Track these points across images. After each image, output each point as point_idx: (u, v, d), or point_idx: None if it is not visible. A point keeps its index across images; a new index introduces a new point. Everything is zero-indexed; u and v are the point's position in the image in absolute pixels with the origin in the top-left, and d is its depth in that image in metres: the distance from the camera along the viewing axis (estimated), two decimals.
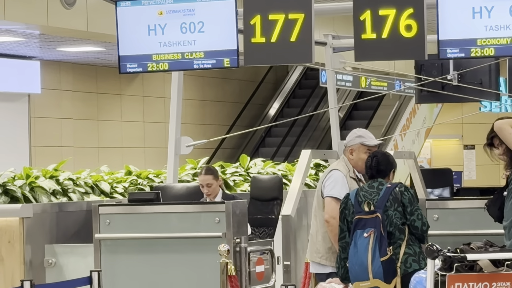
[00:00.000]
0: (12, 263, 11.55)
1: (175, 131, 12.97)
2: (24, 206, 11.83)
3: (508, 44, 10.81)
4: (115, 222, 11.25)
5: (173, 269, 10.96)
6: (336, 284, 9.32)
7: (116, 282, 10.87)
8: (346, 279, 9.13)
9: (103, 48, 21.92)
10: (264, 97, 29.61)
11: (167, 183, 13.14)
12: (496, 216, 9.13)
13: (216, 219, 11.01)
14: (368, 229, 9.08)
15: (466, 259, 7.48)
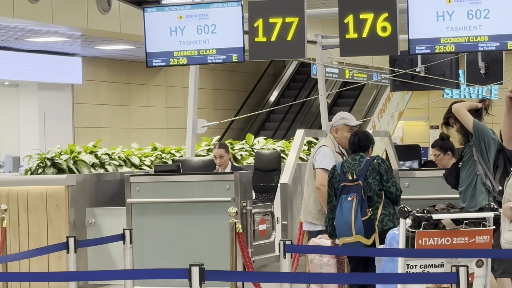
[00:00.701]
0: (59, 223, 11.56)
1: (192, 114, 12.96)
2: (69, 176, 11.85)
3: (466, 42, 10.79)
4: (143, 189, 11.27)
5: (191, 228, 10.98)
6: (325, 239, 9.33)
7: (144, 238, 10.88)
8: (333, 235, 9.15)
9: (133, 46, 21.87)
10: (265, 87, 29.54)
11: (186, 157, 13.15)
12: (452, 183, 9.21)
13: (226, 186, 11.02)
14: (351, 194, 9.10)
15: (431, 218, 7.48)
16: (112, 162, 13.06)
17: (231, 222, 9.42)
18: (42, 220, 11.66)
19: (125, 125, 26.33)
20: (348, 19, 11.04)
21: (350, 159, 9.30)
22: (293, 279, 7.80)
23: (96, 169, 12.62)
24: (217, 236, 10.42)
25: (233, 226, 9.35)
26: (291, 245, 7.39)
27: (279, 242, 7.40)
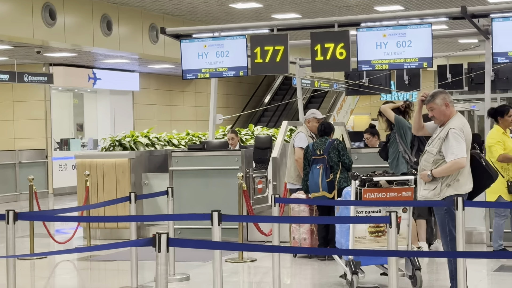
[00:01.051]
0: (124, 184, 11.54)
1: (213, 111, 12.95)
2: (130, 152, 11.85)
3: (395, 62, 10.78)
4: (180, 161, 11.25)
5: (212, 186, 10.97)
6: (301, 194, 9.33)
7: (180, 194, 10.87)
8: (307, 192, 9.13)
9: (173, 65, 21.83)
10: (261, 93, 29.52)
11: (208, 139, 13.14)
12: (384, 157, 9.30)
13: (235, 159, 11.01)
14: (319, 164, 9.07)
15: (372, 180, 7.47)
16: (159, 143, 13.08)
17: (239, 182, 9.42)
18: (113, 182, 11.65)
19: (168, 118, 26.32)
20: (317, 47, 11.02)
21: (318, 141, 9.28)
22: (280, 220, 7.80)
23: (148, 147, 12.65)
24: (230, 191, 10.41)
25: (240, 185, 9.34)
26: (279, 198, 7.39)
27: (271, 196, 7.38)
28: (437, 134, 6.77)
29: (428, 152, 6.74)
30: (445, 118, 6.72)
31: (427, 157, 6.73)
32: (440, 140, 6.66)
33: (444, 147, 6.63)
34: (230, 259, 9.19)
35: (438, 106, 6.70)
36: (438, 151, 6.65)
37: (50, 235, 10.39)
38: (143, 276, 8.14)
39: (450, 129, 6.61)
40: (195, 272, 8.54)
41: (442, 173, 6.63)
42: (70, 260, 9.82)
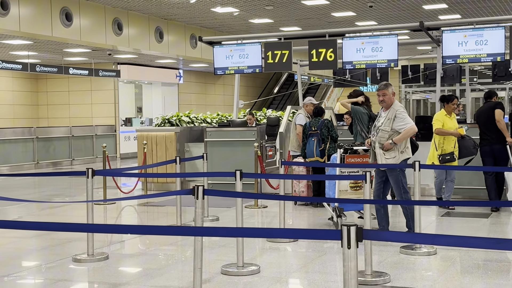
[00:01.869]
0: (171, 151, 11.56)
1: (236, 98, 12.90)
2: (176, 128, 11.82)
3: (370, 63, 10.68)
4: (212, 134, 11.25)
5: (236, 153, 10.97)
6: (301, 159, 9.32)
7: (212, 158, 10.89)
8: (305, 157, 9.12)
9: (207, 64, 21.79)
10: (271, 85, 29.43)
11: (233, 119, 13.12)
12: (351, 132, 9.08)
13: (253, 133, 10.99)
14: (314, 137, 9.04)
15: (352, 148, 7.45)
16: (197, 121, 13.04)
17: (255, 150, 9.41)
18: (163, 149, 11.66)
19: (203, 103, 26.29)
20: (313, 52, 10.94)
21: (313, 120, 9.23)
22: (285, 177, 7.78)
23: (189, 124, 12.61)
24: (248, 157, 10.40)
25: (256, 152, 9.33)
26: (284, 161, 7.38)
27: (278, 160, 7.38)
28: (385, 116, 6.71)
29: (382, 130, 6.66)
30: (390, 103, 6.71)
31: (382, 134, 6.66)
32: (390, 120, 6.66)
33: (395, 124, 6.63)
34: (248, 206, 9.21)
35: (389, 94, 6.70)
36: (390, 128, 6.64)
37: (118, 187, 10.45)
38: (185, 217, 8.19)
39: (397, 111, 6.68)
40: (223, 215, 8.56)
41: (401, 139, 6.63)
42: (132, 205, 9.87)
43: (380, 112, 6.93)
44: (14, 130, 17.16)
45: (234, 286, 5.07)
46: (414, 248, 6.11)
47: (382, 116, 6.82)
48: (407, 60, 15.94)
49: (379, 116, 6.90)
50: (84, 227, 4.20)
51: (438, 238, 2.75)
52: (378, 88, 6.78)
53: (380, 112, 6.94)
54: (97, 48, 17.37)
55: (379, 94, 6.70)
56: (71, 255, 6.13)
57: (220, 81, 27.39)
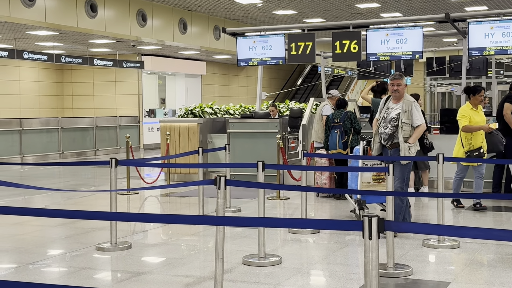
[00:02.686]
0: (194, 141, 11.61)
1: (259, 89, 12.90)
2: (199, 119, 11.87)
3: (395, 55, 10.61)
4: (235, 125, 11.28)
5: (259, 144, 10.97)
6: (323, 151, 9.30)
7: (235, 149, 10.92)
8: (327, 149, 9.11)
9: (230, 56, 21.81)
10: (295, 77, 29.37)
11: (256, 110, 13.13)
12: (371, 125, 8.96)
13: (275, 124, 11.00)
14: (337, 129, 9.03)
15: None
16: (220, 112, 13.07)
17: (277, 142, 9.41)
18: (186, 139, 11.72)
19: (226, 95, 26.34)
20: (336, 43, 10.88)
21: (336, 112, 9.21)
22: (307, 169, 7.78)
23: (212, 116, 12.65)
24: (271, 148, 10.43)
25: (278, 144, 9.33)
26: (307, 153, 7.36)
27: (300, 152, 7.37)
28: (399, 108, 6.48)
29: (404, 123, 6.43)
30: (402, 94, 6.53)
31: (405, 127, 6.44)
32: (407, 112, 6.48)
33: (412, 116, 6.48)
34: (270, 197, 9.23)
35: (403, 85, 6.54)
36: (409, 120, 6.48)
37: (141, 177, 10.54)
38: (207, 208, 8.23)
39: (413, 103, 6.52)
40: (245, 206, 8.59)
41: (416, 139, 6.53)
42: (155, 195, 9.95)
43: (387, 104, 6.64)
44: (40, 120, 17.38)
45: (255, 276, 5.09)
46: (437, 242, 6.07)
47: (393, 107, 6.55)
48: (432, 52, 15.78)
49: (388, 107, 6.60)
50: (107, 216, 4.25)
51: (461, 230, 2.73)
52: (393, 78, 6.51)
53: (387, 104, 6.64)
54: (122, 39, 17.48)
55: (394, 84, 6.44)
56: (94, 244, 6.21)
57: (243, 72, 27.40)
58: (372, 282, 2.65)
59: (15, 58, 16.56)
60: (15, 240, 6.64)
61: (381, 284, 4.82)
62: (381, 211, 7.78)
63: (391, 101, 6.63)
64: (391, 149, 6.59)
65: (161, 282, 4.94)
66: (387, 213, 5.35)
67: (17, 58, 16.57)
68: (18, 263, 5.66)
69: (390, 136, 6.56)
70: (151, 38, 16.90)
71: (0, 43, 18.06)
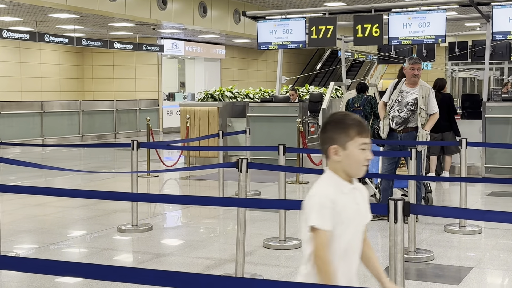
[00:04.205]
0: (214, 125, 11.61)
1: (279, 73, 12.82)
2: (219, 103, 11.86)
3: (417, 39, 10.48)
4: (255, 109, 11.24)
5: (279, 128, 10.94)
6: None
7: (254, 133, 10.90)
8: None
9: (250, 40, 21.71)
10: (315, 61, 29.19)
11: (275, 94, 13.08)
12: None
13: (295, 109, 10.94)
14: (357, 113, 8.96)
15: None
16: (240, 96, 13.05)
17: (297, 126, 9.37)
18: (206, 123, 11.72)
19: (246, 79, 26.26)
20: (358, 27, 10.75)
21: (356, 96, 9.16)
22: None
23: (232, 99, 12.63)
24: (291, 132, 10.38)
25: (298, 128, 9.30)
26: None
27: None
28: (416, 93, 6.33)
29: (423, 109, 6.31)
30: (418, 80, 6.41)
31: (423, 114, 6.32)
32: (425, 98, 6.36)
33: (429, 102, 6.38)
34: (290, 182, 9.21)
35: (421, 69, 6.44)
36: (426, 106, 6.37)
37: (161, 160, 10.57)
38: (227, 191, 8.24)
39: (430, 89, 6.42)
40: (265, 190, 8.58)
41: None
42: (175, 178, 9.98)
43: (399, 87, 6.47)
44: (61, 103, 17.50)
45: (275, 259, 5.08)
46: (459, 227, 6.02)
47: (408, 91, 6.40)
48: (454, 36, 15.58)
49: (402, 91, 6.44)
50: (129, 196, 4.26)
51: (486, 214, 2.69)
52: (414, 62, 6.31)
53: (399, 87, 6.47)
54: (142, 23, 17.47)
55: (415, 68, 6.29)
56: (115, 226, 6.25)
57: (263, 57, 27.28)
58: (397, 265, 2.62)
59: (36, 41, 16.64)
60: (37, 221, 6.70)
61: None
62: (402, 196, 7.72)
63: (404, 84, 6.48)
64: (402, 133, 6.46)
65: (182, 264, 4.95)
66: (409, 197, 5.31)
67: (38, 41, 16.64)
68: (40, 243, 5.71)
69: (404, 121, 6.43)
70: (171, 21, 16.88)
71: (22, 26, 18.15)
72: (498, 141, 9.41)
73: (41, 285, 4.38)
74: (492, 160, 9.63)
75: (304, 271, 2.16)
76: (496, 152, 9.57)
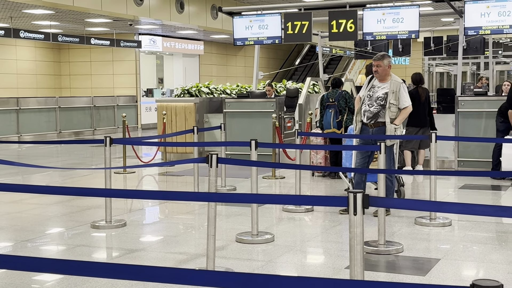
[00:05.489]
0: (191, 121, 11.64)
1: (256, 69, 12.89)
2: (196, 98, 11.90)
3: (391, 34, 10.59)
4: (231, 105, 11.29)
5: (254, 124, 11.00)
6: (318, 130, 9.33)
7: (231, 129, 10.95)
8: (322, 128, 9.14)
9: (228, 36, 21.73)
10: (293, 57, 29.27)
11: (252, 89, 13.13)
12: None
13: (272, 104, 11.01)
14: (331, 108, 9.06)
15: None
16: (216, 92, 13.09)
17: (273, 121, 9.44)
18: (182, 119, 11.75)
19: (224, 74, 26.29)
20: (333, 23, 10.85)
21: (331, 91, 9.24)
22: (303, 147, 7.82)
23: (209, 95, 12.66)
24: (267, 127, 10.45)
25: (274, 123, 9.36)
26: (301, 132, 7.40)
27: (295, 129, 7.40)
28: (386, 88, 6.45)
29: (392, 104, 6.40)
30: (386, 76, 6.49)
31: (393, 108, 6.41)
32: (395, 93, 6.45)
33: (400, 97, 6.48)
34: (266, 176, 9.28)
35: (384, 66, 6.45)
36: (396, 101, 6.47)
37: (137, 156, 10.59)
38: (202, 187, 8.28)
39: (401, 84, 6.52)
40: (240, 185, 8.64)
41: (402, 120, 6.55)
42: (152, 174, 10.01)
43: (372, 83, 6.59)
44: (38, 100, 17.39)
45: (248, 253, 5.16)
46: (429, 220, 6.14)
47: (379, 86, 6.52)
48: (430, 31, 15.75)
49: (374, 86, 6.56)
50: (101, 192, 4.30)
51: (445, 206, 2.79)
52: (374, 58, 6.53)
53: (372, 82, 6.59)
54: (119, 19, 17.42)
55: (374, 64, 6.47)
56: (90, 222, 6.27)
57: (241, 52, 27.32)
58: (356, 257, 2.70)
59: (11, 37, 16.50)
60: (12, 218, 6.70)
61: (372, 261, 4.89)
62: (375, 190, 7.84)
63: (376, 79, 6.60)
64: (373, 128, 6.56)
65: (154, 259, 5.00)
66: (379, 191, 5.41)
67: (14, 37, 16.51)
68: (15, 240, 5.72)
69: (374, 115, 6.53)
70: (148, 17, 16.85)
71: None
72: (471, 135, 9.58)
73: (16, 282, 4.41)
74: (465, 153, 9.79)
75: None
76: (469, 146, 9.74)
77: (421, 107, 9.32)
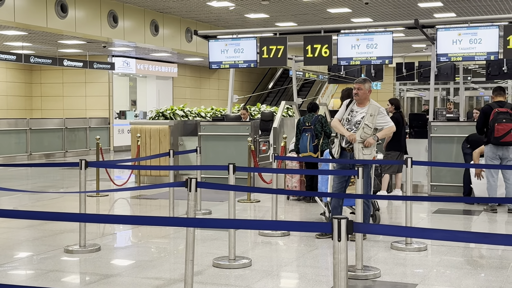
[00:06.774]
0: (165, 144, 11.57)
1: (231, 92, 12.87)
2: (170, 121, 11.83)
3: (365, 60, 10.71)
4: (206, 128, 11.26)
5: (229, 147, 10.98)
6: (294, 154, 9.34)
7: (206, 152, 10.90)
8: (298, 152, 9.16)
9: (202, 59, 21.77)
10: (266, 80, 29.43)
11: (227, 113, 13.12)
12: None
13: (247, 127, 11.01)
14: (307, 132, 9.08)
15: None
16: (191, 115, 13.04)
17: (248, 145, 9.42)
18: (157, 142, 11.67)
19: (198, 97, 26.27)
20: (308, 47, 10.94)
21: (307, 116, 9.28)
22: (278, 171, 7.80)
23: (183, 118, 12.61)
24: (242, 151, 10.43)
25: (249, 147, 9.35)
26: (277, 156, 7.39)
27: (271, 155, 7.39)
28: (364, 112, 6.52)
29: (366, 126, 6.46)
30: (365, 100, 6.55)
31: (367, 130, 6.46)
32: (373, 116, 6.51)
33: (379, 119, 6.54)
34: (241, 200, 9.24)
35: (365, 89, 6.52)
36: (373, 124, 6.55)
37: (111, 179, 10.45)
38: (177, 211, 8.20)
39: (379, 108, 6.59)
40: (215, 209, 8.58)
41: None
42: (125, 197, 9.88)
43: (350, 107, 6.66)
44: (8, 121, 17.12)
45: (225, 278, 5.09)
46: (405, 244, 6.15)
47: (357, 111, 6.59)
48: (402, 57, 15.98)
49: (352, 110, 6.63)
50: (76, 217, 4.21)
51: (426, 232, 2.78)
52: (354, 82, 6.59)
53: (350, 107, 6.66)
54: (92, 40, 17.34)
55: (355, 87, 6.52)
56: (63, 246, 6.14)
57: (215, 75, 27.37)
58: (340, 283, 2.68)
59: None
60: None
61: (349, 286, 4.86)
62: (350, 214, 7.85)
63: (355, 104, 6.65)
64: (351, 152, 6.59)
65: (130, 285, 4.91)
66: (357, 216, 5.41)
67: None
68: None
69: None
70: (122, 39, 16.80)
71: None
72: (443, 160, 9.69)
73: None
74: (437, 178, 9.89)
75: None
76: (442, 171, 9.83)
77: (403, 131, 9.45)
